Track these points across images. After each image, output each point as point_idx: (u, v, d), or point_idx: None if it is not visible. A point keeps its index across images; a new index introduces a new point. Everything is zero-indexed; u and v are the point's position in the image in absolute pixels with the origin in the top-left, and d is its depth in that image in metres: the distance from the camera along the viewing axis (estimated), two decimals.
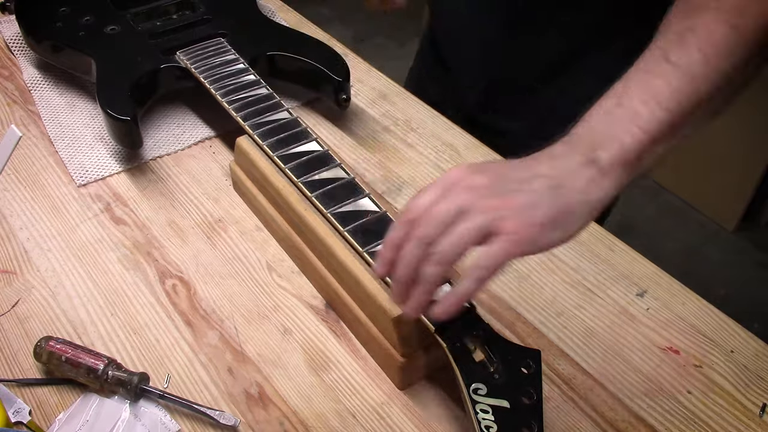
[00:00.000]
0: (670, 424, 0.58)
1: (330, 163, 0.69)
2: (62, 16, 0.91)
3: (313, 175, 0.67)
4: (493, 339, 0.53)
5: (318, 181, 0.67)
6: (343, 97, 0.85)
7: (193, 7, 0.94)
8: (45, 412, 0.59)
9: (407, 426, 0.58)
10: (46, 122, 0.87)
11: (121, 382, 0.58)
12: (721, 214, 2.05)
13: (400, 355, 0.58)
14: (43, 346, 0.60)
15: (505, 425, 0.48)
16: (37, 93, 0.91)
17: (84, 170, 0.81)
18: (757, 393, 0.61)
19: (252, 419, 0.58)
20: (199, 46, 0.86)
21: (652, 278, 0.70)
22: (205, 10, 0.93)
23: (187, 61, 0.83)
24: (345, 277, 0.62)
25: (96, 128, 0.86)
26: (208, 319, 0.66)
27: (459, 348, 0.53)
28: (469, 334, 0.53)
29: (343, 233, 0.62)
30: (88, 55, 0.85)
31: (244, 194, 0.77)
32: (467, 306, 0.56)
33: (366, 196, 0.65)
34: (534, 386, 0.50)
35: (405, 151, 0.85)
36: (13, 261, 0.71)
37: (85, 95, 0.91)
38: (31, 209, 0.77)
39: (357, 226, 0.62)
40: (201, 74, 0.81)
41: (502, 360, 0.52)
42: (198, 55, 0.84)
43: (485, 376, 0.51)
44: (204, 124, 0.88)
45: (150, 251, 0.72)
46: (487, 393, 0.50)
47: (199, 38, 0.87)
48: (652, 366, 0.63)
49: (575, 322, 0.66)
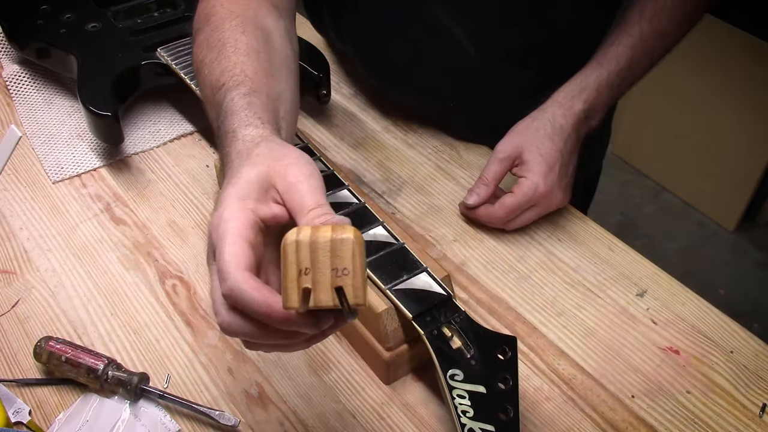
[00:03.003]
0: (670, 424, 0.58)
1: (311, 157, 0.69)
2: (43, 13, 0.91)
3: None
4: (470, 326, 0.55)
5: None
6: (323, 92, 0.85)
7: (174, 5, 0.94)
8: (45, 412, 0.58)
9: (407, 426, 0.58)
10: (22, 119, 0.87)
11: (121, 382, 0.58)
12: (721, 214, 2.05)
13: (385, 349, 0.59)
14: (43, 346, 0.60)
15: (481, 410, 0.49)
16: (15, 89, 0.91)
17: (59, 167, 0.81)
18: (757, 393, 0.61)
19: (252, 419, 0.58)
20: (179, 42, 0.86)
21: (652, 278, 0.70)
22: (186, 7, 0.93)
23: (168, 58, 0.83)
24: None
25: (73, 125, 0.87)
26: (208, 319, 0.66)
27: (436, 335, 0.54)
28: (447, 322, 0.55)
29: None
30: (69, 53, 0.86)
31: None
32: (445, 294, 0.57)
33: (346, 188, 0.66)
34: (510, 372, 0.52)
35: (405, 151, 0.85)
36: (13, 261, 0.71)
37: (63, 92, 0.91)
38: (31, 209, 0.77)
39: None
40: (181, 71, 0.81)
41: (478, 347, 0.53)
42: (179, 52, 0.84)
43: (462, 362, 0.52)
44: (184, 120, 0.88)
45: (150, 251, 0.72)
46: (464, 379, 0.51)
47: (180, 35, 0.87)
48: (652, 366, 0.63)
49: (575, 322, 0.66)
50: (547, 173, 0.71)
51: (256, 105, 0.52)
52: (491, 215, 0.72)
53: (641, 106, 2.07)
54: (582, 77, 0.74)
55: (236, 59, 0.56)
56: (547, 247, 0.73)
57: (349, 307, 0.38)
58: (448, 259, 0.72)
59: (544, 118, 0.73)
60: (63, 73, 0.91)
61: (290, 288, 0.38)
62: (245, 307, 0.40)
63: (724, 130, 1.92)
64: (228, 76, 0.55)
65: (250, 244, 0.41)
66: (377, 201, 0.78)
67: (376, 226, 0.63)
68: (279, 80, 0.58)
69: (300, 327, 0.40)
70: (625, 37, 0.73)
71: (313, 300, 0.38)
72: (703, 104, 1.93)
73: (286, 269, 0.38)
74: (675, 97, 2.00)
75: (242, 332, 0.41)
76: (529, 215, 0.73)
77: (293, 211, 0.43)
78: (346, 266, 0.38)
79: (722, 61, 1.84)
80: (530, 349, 0.64)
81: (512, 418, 0.49)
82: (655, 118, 2.09)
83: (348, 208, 0.64)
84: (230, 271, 0.40)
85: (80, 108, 0.80)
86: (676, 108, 2.02)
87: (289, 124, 0.57)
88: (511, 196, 0.71)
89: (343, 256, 0.38)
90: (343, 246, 0.38)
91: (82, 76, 0.83)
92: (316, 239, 0.38)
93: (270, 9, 0.65)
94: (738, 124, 1.88)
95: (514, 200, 0.71)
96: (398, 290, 0.58)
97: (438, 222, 0.76)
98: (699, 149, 2.01)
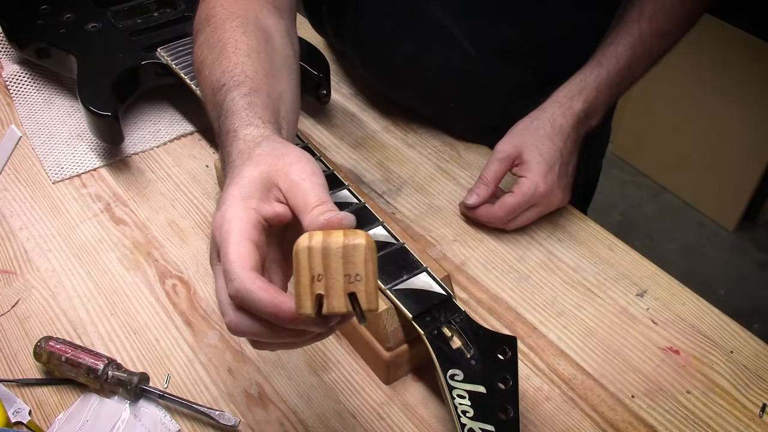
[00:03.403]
0: (670, 424, 0.58)
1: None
2: (43, 13, 0.91)
3: None
4: (470, 326, 0.55)
5: None
6: (323, 92, 0.85)
7: (174, 5, 0.94)
8: (45, 412, 0.58)
9: (407, 426, 0.58)
10: (22, 119, 0.87)
11: (121, 382, 0.58)
12: (721, 214, 2.05)
13: (385, 350, 0.59)
14: (43, 346, 0.60)
15: (481, 410, 0.49)
16: (15, 89, 0.91)
17: (59, 167, 0.81)
18: (757, 393, 0.61)
19: (252, 419, 0.58)
20: (179, 43, 0.86)
21: (652, 278, 0.70)
22: (186, 7, 0.93)
23: (168, 58, 0.83)
24: None
25: (73, 125, 0.87)
26: (208, 319, 0.66)
27: (436, 335, 0.54)
28: (447, 322, 0.55)
29: None
30: (69, 53, 0.86)
31: None
32: (445, 294, 0.57)
33: (346, 188, 0.66)
34: (510, 372, 0.52)
35: (405, 151, 0.85)
36: (13, 261, 0.71)
37: (63, 92, 0.91)
38: (31, 209, 0.77)
39: None
40: (181, 71, 0.81)
41: (478, 347, 0.53)
42: (179, 52, 0.84)
43: (462, 362, 0.52)
44: (184, 120, 0.88)
45: (150, 251, 0.72)
46: (464, 379, 0.51)
47: (180, 35, 0.88)
48: (652, 366, 0.63)
49: (575, 322, 0.66)
50: (547, 173, 0.71)
51: (256, 105, 0.52)
52: (491, 215, 0.72)
53: (641, 106, 2.07)
54: (582, 77, 0.74)
55: (237, 59, 0.56)
56: (547, 247, 0.73)
57: (361, 312, 0.39)
58: (448, 259, 0.72)
59: (543, 117, 0.73)
60: (63, 73, 0.91)
61: (303, 294, 0.38)
62: (253, 307, 0.40)
63: (724, 130, 1.92)
64: (228, 77, 0.55)
65: (255, 243, 0.41)
66: (377, 201, 0.78)
67: (376, 227, 0.63)
68: (279, 80, 0.58)
69: (308, 326, 0.40)
70: (625, 37, 0.73)
71: (326, 306, 0.39)
72: (703, 104, 1.93)
73: (299, 275, 0.39)
74: (675, 97, 2.00)
75: (250, 332, 0.41)
76: (529, 215, 0.73)
77: (297, 209, 0.42)
78: (358, 272, 0.38)
79: (722, 61, 1.84)
80: (530, 349, 0.64)
81: (512, 418, 0.49)
82: (655, 118, 2.09)
83: (348, 209, 0.64)
84: (237, 272, 0.40)
85: (80, 108, 0.80)
86: (676, 108, 2.02)
87: (290, 124, 0.57)
88: (511, 196, 0.71)
89: (355, 262, 0.38)
90: (356, 252, 0.38)
91: (82, 76, 0.83)
92: (328, 245, 0.38)
93: (271, 10, 0.65)
94: (738, 124, 1.88)
95: (514, 200, 0.71)
96: (398, 290, 0.58)
97: (438, 222, 0.76)
98: (699, 149, 2.01)
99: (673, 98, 2.00)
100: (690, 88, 1.94)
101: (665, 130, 2.08)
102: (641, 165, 2.21)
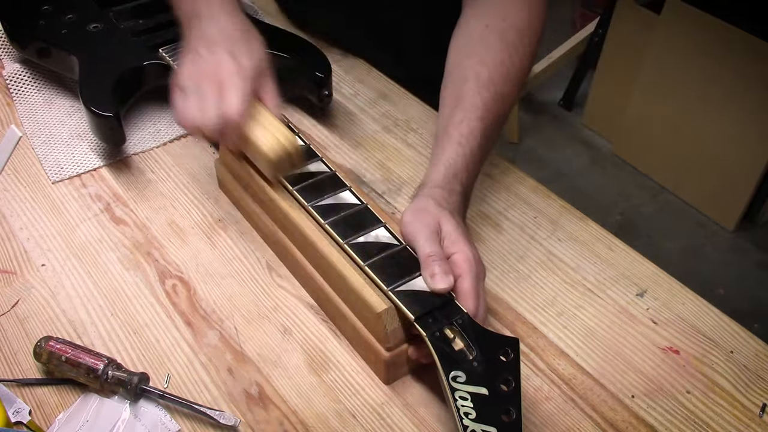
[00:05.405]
0: (670, 424, 0.58)
1: (313, 158, 0.69)
2: (45, 13, 0.91)
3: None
4: (472, 328, 0.55)
5: (299, 175, 0.67)
6: (325, 93, 0.85)
7: None
8: (45, 412, 0.59)
9: (407, 426, 0.58)
10: (22, 119, 0.87)
11: (121, 382, 0.58)
12: (721, 214, 2.05)
13: (385, 349, 0.59)
14: (43, 346, 0.60)
15: (483, 412, 0.49)
16: (16, 89, 0.91)
17: (59, 167, 0.81)
18: (757, 393, 0.61)
19: (252, 419, 0.58)
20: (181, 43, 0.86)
21: (652, 278, 0.70)
22: None
23: (169, 58, 0.83)
24: (329, 273, 0.63)
25: (73, 125, 0.87)
26: (208, 319, 0.66)
27: (438, 337, 0.54)
28: (449, 323, 0.55)
29: (324, 225, 0.62)
30: (70, 53, 0.85)
31: (229, 192, 0.77)
32: (447, 296, 0.57)
33: (347, 189, 0.66)
34: (512, 374, 0.52)
35: (405, 151, 0.85)
36: (13, 261, 0.71)
37: (64, 92, 0.91)
38: (31, 209, 0.77)
39: (338, 219, 0.63)
40: None
41: (480, 348, 0.53)
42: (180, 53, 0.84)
43: (464, 363, 0.52)
44: None
45: (150, 251, 0.72)
46: (466, 380, 0.51)
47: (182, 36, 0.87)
48: (652, 366, 0.63)
49: (575, 322, 0.66)
50: (467, 237, 0.63)
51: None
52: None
53: (641, 106, 2.08)
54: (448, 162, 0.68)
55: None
56: (547, 247, 0.73)
57: None
58: None
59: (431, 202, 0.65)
60: (64, 74, 0.91)
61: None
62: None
63: (724, 130, 1.92)
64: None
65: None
66: (377, 201, 0.78)
67: (378, 228, 0.63)
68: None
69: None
70: (472, 111, 0.70)
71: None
72: (703, 104, 1.94)
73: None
74: (675, 97, 2.00)
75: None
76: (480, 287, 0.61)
77: None
78: None
79: (722, 61, 1.84)
80: (530, 349, 0.64)
81: (515, 419, 0.49)
82: (655, 118, 2.09)
83: (350, 210, 0.64)
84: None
85: (80, 108, 0.80)
86: (676, 108, 2.02)
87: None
88: (463, 281, 0.59)
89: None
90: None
91: (83, 76, 0.82)
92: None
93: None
94: (738, 124, 1.88)
95: (469, 282, 0.59)
96: (400, 291, 0.57)
97: None
98: (699, 149, 2.01)
99: (673, 98, 2.00)
100: (690, 89, 1.94)
101: (665, 130, 2.08)
102: (641, 165, 2.21)
